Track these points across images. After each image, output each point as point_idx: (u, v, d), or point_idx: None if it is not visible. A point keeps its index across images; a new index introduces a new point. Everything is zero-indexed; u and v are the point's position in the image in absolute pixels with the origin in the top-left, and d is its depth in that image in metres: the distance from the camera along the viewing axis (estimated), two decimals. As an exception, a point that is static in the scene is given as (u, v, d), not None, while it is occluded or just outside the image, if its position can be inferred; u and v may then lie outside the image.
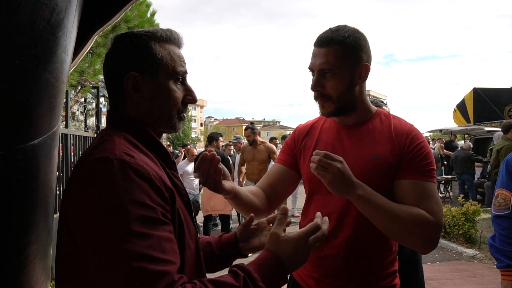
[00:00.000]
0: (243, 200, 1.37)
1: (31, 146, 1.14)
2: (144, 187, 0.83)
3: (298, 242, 0.96)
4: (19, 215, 1.16)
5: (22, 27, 0.96)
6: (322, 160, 1.17)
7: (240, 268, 0.89)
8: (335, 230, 1.36)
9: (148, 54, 0.98)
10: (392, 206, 1.24)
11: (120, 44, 1.00)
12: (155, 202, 0.84)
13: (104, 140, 0.93)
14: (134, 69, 0.97)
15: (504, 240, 1.74)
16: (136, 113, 1.00)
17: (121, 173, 0.82)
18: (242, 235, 1.26)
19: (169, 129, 1.04)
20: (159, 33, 1.01)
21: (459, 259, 5.29)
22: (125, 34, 1.02)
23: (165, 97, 1.00)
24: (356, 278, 1.36)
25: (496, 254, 1.77)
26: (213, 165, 1.15)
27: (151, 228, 0.81)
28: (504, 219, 1.77)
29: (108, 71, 1.02)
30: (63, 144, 4.75)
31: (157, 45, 1.00)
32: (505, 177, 1.83)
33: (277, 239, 0.96)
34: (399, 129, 1.37)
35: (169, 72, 1.00)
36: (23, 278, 1.21)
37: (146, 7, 7.30)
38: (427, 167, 1.31)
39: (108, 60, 1.02)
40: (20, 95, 1.04)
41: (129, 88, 0.98)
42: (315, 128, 1.53)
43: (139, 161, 0.87)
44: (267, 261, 0.92)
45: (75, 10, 1.23)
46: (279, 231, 0.97)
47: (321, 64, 1.33)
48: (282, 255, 0.93)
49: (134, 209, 0.80)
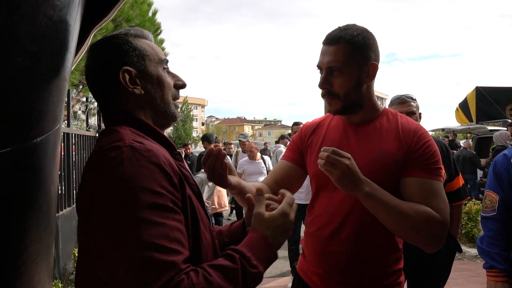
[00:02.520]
0: None
1: (33, 145, 1.14)
2: (154, 173, 0.84)
3: (282, 216, 1.00)
4: (22, 214, 1.16)
5: (24, 24, 0.95)
6: (330, 157, 1.17)
7: (233, 250, 0.91)
8: (340, 226, 1.37)
9: (132, 48, 1.01)
10: (398, 203, 1.24)
11: (102, 47, 1.02)
12: (165, 189, 0.85)
13: (109, 134, 0.94)
14: (125, 64, 1.00)
15: (490, 242, 1.78)
16: (135, 108, 1.01)
17: (131, 159, 0.83)
18: (248, 220, 1.27)
19: (169, 117, 1.06)
20: (132, 30, 1.06)
21: (461, 259, 5.27)
22: (102, 39, 1.05)
23: (160, 84, 1.04)
24: (361, 275, 1.36)
25: (483, 255, 1.82)
26: (219, 160, 1.16)
27: (160, 216, 0.81)
28: (490, 221, 1.81)
29: (97, 75, 1.02)
30: (64, 143, 4.75)
31: (135, 40, 1.04)
32: (492, 178, 1.85)
33: (262, 218, 0.99)
34: (406, 128, 1.38)
35: (155, 60, 1.04)
36: (25, 277, 1.20)
37: (147, 6, 7.30)
38: (434, 166, 1.31)
39: (92, 67, 1.02)
40: (22, 93, 1.03)
41: (127, 82, 0.99)
42: (322, 126, 1.53)
43: (148, 146, 0.88)
44: (256, 241, 0.95)
45: (78, 6, 1.22)
46: (262, 210, 1.00)
47: (329, 62, 1.34)
48: (268, 232, 0.97)
49: (144, 196, 0.81)
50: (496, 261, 1.74)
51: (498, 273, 1.74)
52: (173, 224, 0.83)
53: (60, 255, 4.31)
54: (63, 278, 4.32)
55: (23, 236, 1.18)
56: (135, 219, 0.79)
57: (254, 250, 0.92)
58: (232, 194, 1.36)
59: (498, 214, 1.77)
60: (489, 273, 1.78)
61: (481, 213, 1.88)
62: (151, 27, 7.27)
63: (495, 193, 1.81)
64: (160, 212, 0.82)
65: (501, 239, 1.75)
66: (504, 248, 1.74)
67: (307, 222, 1.53)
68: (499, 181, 1.80)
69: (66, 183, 4.78)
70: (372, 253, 1.36)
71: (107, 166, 0.83)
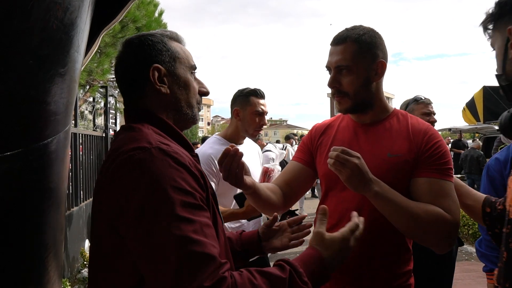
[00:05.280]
0: (262, 196, 1.38)
1: (44, 145, 1.15)
2: (182, 174, 0.86)
3: (343, 242, 1.00)
4: (32, 214, 1.17)
5: (36, 27, 0.96)
6: (340, 156, 1.17)
7: (286, 262, 0.91)
8: None
9: (165, 48, 1.04)
10: (408, 203, 1.24)
11: (135, 43, 1.04)
12: (193, 188, 0.87)
13: (131, 132, 0.95)
14: (156, 61, 1.02)
15: (488, 245, 1.79)
16: (158, 107, 1.03)
17: (160, 161, 0.85)
18: (264, 235, 1.28)
19: (189, 120, 1.09)
20: (168, 32, 1.09)
21: (469, 259, 5.23)
22: (137, 35, 1.07)
23: (187, 87, 1.06)
24: (370, 276, 1.35)
25: (482, 258, 1.83)
26: (236, 160, 1.17)
27: (193, 214, 0.83)
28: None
29: (128, 68, 1.04)
30: (72, 143, 4.78)
31: (170, 41, 1.07)
32: (486, 183, 1.85)
33: (322, 238, 0.99)
34: (417, 128, 1.37)
35: (185, 64, 1.07)
36: (36, 276, 1.22)
37: (153, 7, 7.32)
38: (444, 166, 1.30)
39: (125, 59, 1.05)
40: (33, 95, 1.05)
41: (155, 79, 1.01)
42: (332, 127, 1.53)
43: (175, 148, 0.90)
44: (312, 259, 0.95)
45: (88, 9, 1.23)
46: (323, 230, 1.01)
47: (337, 61, 1.35)
48: (326, 254, 0.97)
49: (176, 195, 0.82)
50: (495, 264, 1.74)
51: None
52: (205, 221, 0.85)
53: (68, 254, 4.35)
54: (71, 277, 4.35)
55: (34, 235, 1.19)
56: (171, 217, 0.80)
57: (307, 267, 0.92)
58: (246, 195, 1.37)
59: None
60: (489, 276, 1.78)
61: None
62: (157, 28, 7.28)
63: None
64: (193, 210, 0.83)
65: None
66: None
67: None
68: (493, 185, 1.80)
69: (74, 182, 4.82)
70: (381, 254, 1.34)
71: (137, 167, 0.85)
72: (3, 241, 1.06)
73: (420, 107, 2.62)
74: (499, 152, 1.85)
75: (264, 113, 2.22)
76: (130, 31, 6.25)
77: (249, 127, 2.18)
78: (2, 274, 1.08)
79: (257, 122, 2.18)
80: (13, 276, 1.12)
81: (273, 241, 1.29)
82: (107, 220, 0.88)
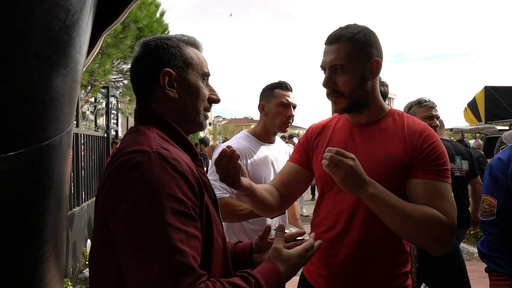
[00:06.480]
0: (258, 198, 1.37)
1: (47, 146, 1.16)
2: (178, 182, 0.87)
3: (297, 259, 1.06)
4: (34, 214, 1.18)
5: (38, 28, 0.97)
6: (334, 157, 1.17)
7: (249, 274, 0.95)
8: (345, 228, 1.35)
9: (179, 53, 1.05)
10: (404, 205, 1.23)
11: (152, 45, 1.05)
12: (187, 197, 0.88)
13: (137, 134, 0.97)
14: (168, 66, 1.03)
15: (491, 246, 1.78)
16: (166, 110, 1.04)
17: (157, 166, 0.86)
18: (257, 246, 1.28)
19: (196, 126, 1.10)
20: (186, 37, 1.10)
21: (470, 260, 5.23)
22: (155, 38, 1.08)
23: (196, 93, 1.07)
24: (366, 278, 1.35)
25: (484, 259, 1.82)
26: (232, 162, 1.17)
27: (182, 223, 0.84)
28: (490, 225, 1.80)
29: (140, 70, 1.06)
30: (73, 144, 4.80)
31: (185, 46, 1.08)
32: (489, 182, 1.84)
33: (279, 254, 1.05)
34: (412, 128, 1.36)
35: (197, 70, 1.08)
36: (38, 276, 1.22)
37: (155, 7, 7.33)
38: (440, 167, 1.29)
39: (140, 60, 1.06)
40: (35, 95, 1.05)
41: (165, 83, 1.02)
42: (328, 127, 1.52)
43: (174, 155, 0.91)
44: (271, 272, 1.00)
45: (90, 10, 1.24)
46: (280, 246, 1.07)
47: (332, 61, 1.34)
48: (282, 268, 1.03)
49: (168, 202, 0.83)
50: (499, 265, 1.73)
51: (501, 277, 1.73)
52: (193, 232, 0.86)
53: (69, 254, 4.36)
54: (72, 277, 4.36)
55: (36, 235, 1.20)
56: (160, 223, 0.81)
57: (267, 280, 0.97)
58: (242, 196, 1.36)
59: (498, 218, 1.76)
60: (492, 277, 1.78)
61: (480, 218, 1.87)
62: (159, 28, 7.30)
63: (493, 197, 1.80)
64: (183, 219, 0.85)
65: (502, 243, 1.75)
66: (506, 252, 1.74)
67: (313, 224, 1.52)
68: (497, 186, 1.79)
69: (75, 183, 4.83)
70: (377, 255, 1.34)
71: (134, 169, 0.86)
72: (4, 241, 1.07)
73: (422, 111, 2.61)
74: (501, 152, 1.84)
75: (291, 105, 2.08)
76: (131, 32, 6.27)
77: (275, 119, 2.08)
78: (3, 274, 1.08)
79: (283, 114, 2.07)
80: (14, 276, 1.13)
81: (266, 254, 1.26)
82: (101, 219, 0.90)
